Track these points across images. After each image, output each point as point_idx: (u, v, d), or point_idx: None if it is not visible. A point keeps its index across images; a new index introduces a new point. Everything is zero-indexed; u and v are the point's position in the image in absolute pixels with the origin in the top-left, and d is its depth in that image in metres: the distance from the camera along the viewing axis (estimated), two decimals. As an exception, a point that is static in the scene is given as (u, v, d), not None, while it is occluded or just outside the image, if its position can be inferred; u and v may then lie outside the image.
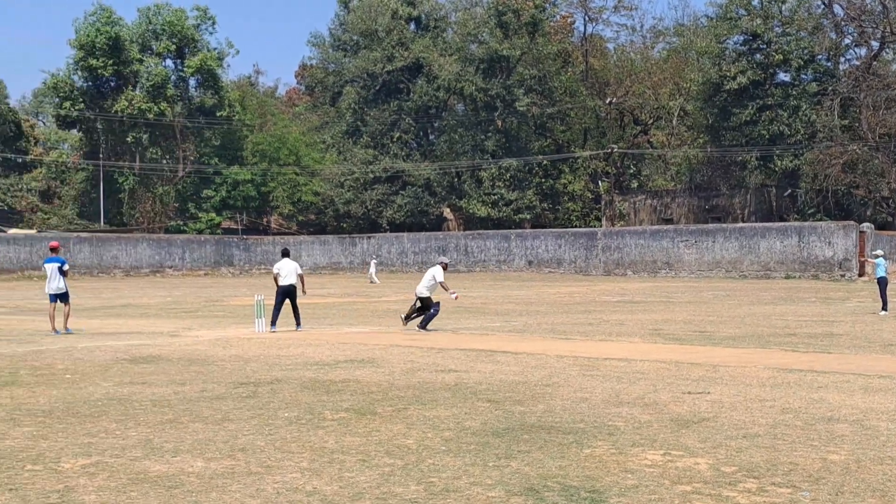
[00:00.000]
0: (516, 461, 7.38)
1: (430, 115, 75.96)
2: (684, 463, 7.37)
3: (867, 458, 7.53)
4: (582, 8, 74.14)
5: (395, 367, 13.33)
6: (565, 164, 70.11)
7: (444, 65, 70.29)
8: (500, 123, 69.75)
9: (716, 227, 54.18)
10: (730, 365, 13.50)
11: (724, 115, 61.62)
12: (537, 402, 10.21)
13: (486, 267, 60.89)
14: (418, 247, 64.53)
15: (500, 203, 67.75)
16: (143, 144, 70.90)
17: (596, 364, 13.65)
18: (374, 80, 73.79)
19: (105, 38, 68.81)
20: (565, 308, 28.08)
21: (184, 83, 74.67)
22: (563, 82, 70.88)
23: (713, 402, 10.23)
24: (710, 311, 25.87)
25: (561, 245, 58.40)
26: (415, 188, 71.14)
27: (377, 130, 73.73)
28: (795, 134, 58.85)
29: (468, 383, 11.63)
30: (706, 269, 51.72)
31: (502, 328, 20.75)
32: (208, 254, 65.63)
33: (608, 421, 9.07)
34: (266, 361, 13.96)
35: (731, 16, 61.89)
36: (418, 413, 9.47)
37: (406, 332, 19.43)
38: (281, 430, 8.59)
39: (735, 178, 62.60)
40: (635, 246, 54.89)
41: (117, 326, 21.14)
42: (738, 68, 59.71)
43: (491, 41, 68.40)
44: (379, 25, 73.78)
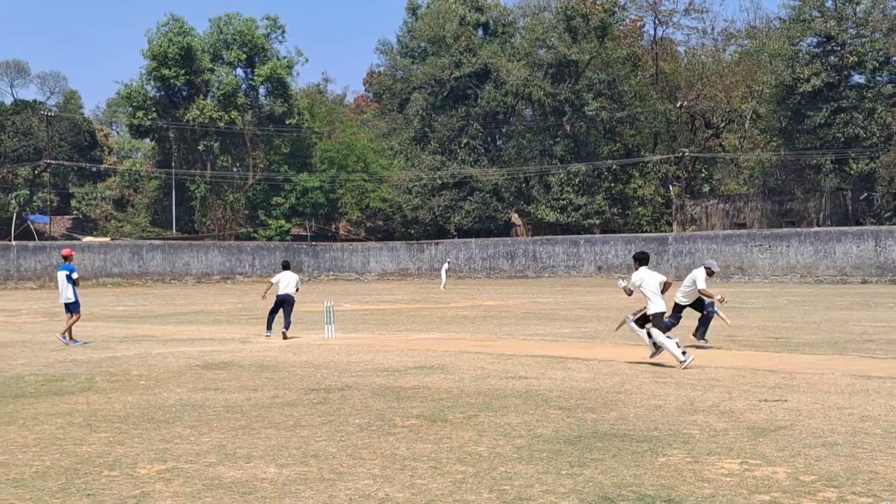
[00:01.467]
0: (590, 469, 7.30)
1: (498, 120, 75.94)
2: (762, 472, 7.22)
3: (953, 468, 7.29)
4: (652, 11, 73.57)
5: (464, 373, 13.30)
6: (635, 169, 69.45)
7: (511, 70, 70.19)
8: (569, 128, 69.39)
9: (790, 231, 53.16)
10: (807, 372, 13.20)
11: (798, 117, 60.48)
12: (610, 409, 10.10)
13: (555, 273, 60.57)
14: (486, 253, 64.47)
15: (569, 208, 67.38)
16: (214, 152, 72.08)
17: (669, 371, 13.47)
18: (441, 86, 74.01)
19: (177, 48, 70.16)
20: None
21: (254, 91, 75.82)
22: (632, 86, 70.25)
23: (790, 409, 10.01)
24: (786, 317, 25.36)
25: (631, 250, 57.71)
26: (482, 194, 71.12)
27: (445, 136, 73.90)
28: (871, 136, 57.54)
29: (539, 390, 11.55)
30: (780, 275, 50.76)
31: (572, 334, 20.59)
32: (277, 260, 66.26)
33: (683, 429, 8.93)
34: (336, 368, 14.04)
35: (805, 18, 60.78)
36: (489, 420, 9.43)
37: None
38: (352, 436, 8.63)
39: (809, 181, 61.37)
40: (707, 251, 54.08)
41: (189, 333, 21.49)
42: (812, 70, 58.61)
43: (559, 46, 68.10)
44: (447, 32, 73.98)
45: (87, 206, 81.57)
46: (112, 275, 58.64)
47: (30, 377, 13.24)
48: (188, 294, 46.28)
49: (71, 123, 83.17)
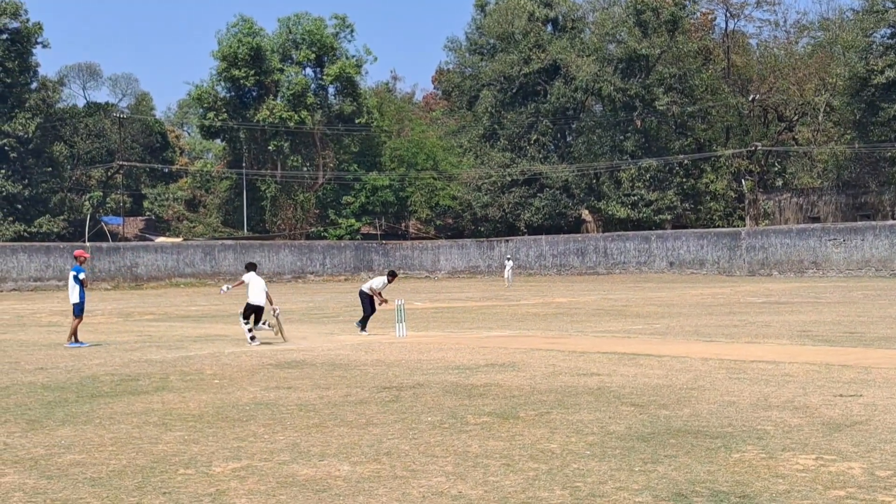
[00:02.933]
0: (663, 466, 7.32)
1: (568, 116, 75.61)
2: (837, 467, 7.16)
3: None
4: (723, 4, 72.47)
5: (536, 370, 13.36)
6: (707, 164, 68.57)
7: (581, 65, 69.79)
8: (640, 123, 68.81)
9: (865, 224, 52.03)
10: (882, 367, 12.99)
11: (872, 110, 59.16)
12: (683, 405, 10.08)
13: (626, 269, 60.16)
14: (556, 249, 64.27)
15: (640, 204, 66.82)
16: (284, 152, 72.97)
17: (742, 367, 13.36)
18: (510, 82, 73.93)
19: (247, 48, 71.17)
20: (708, 310, 27.49)
21: (323, 91, 76.57)
22: (703, 80, 69.37)
23: (866, 404, 9.88)
24: (861, 312, 24.88)
25: (703, 245, 57.18)
26: (552, 190, 70.89)
27: (514, 133, 73.81)
28: (949, 128, 56.11)
29: (611, 387, 11.56)
30: (855, 269, 49.72)
31: (644, 331, 20.48)
32: (348, 259, 67.10)
33: (757, 425, 8.88)
34: (408, 366, 14.20)
35: (878, 9, 59.40)
36: (561, 417, 9.48)
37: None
38: (424, 434, 8.75)
39: (884, 174, 60.00)
40: (780, 245, 53.24)
41: (262, 335, 21.83)
42: (886, 62, 57.27)
43: (629, 40, 67.53)
44: (515, 28, 73.85)
45: (159, 207, 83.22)
46: (185, 275, 59.78)
47: (105, 377, 13.61)
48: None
49: (142, 125, 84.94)
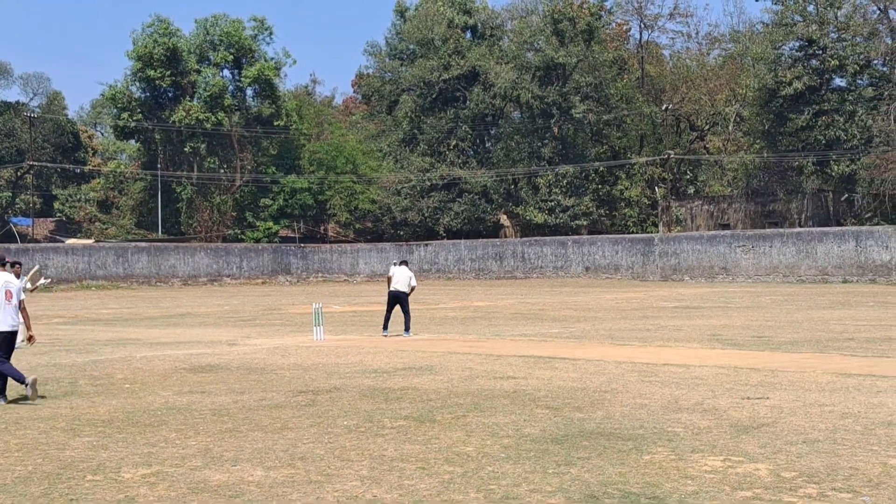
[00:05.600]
0: (576, 468, 7.44)
1: (487, 122, 76.08)
2: (744, 469, 7.38)
3: (930, 465, 7.46)
4: (637, 15, 73.79)
5: (453, 374, 13.44)
6: (622, 171, 69.75)
7: (500, 73, 70.34)
8: (557, 130, 69.63)
9: (773, 231, 53.52)
10: (788, 370, 13.41)
11: (781, 120, 60.85)
12: (596, 408, 10.26)
13: (544, 273, 60.78)
14: (475, 254, 64.63)
15: (557, 209, 67.60)
16: (201, 154, 71.96)
17: (654, 370, 13.65)
18: (430, 88, 74.11)
19: (163, 49, 70.03)
20: (623, 314, 27.99)
21: (241, 93, 75.70)
22: (619, 89, 70.56)
23: (772, 407, 10.19)
24: (768, 317, 25.60)
25: (618, 251, 58.10)
26: (472, 195, 71.25)
27: (434, 138, 73.99)
28: (852, 139, 57.94)
29: (526, 390, 11.70)
30: (763, 274, 51.11)
31: (560, 334, 20.75)
32: (266, 262, 66.42)
33: (667, 427, 9.09)
34: (325, 370, 14.15)
35: (787, 22, 61.09)
36: (477, 420, 9.57)
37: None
38: (340, 438, 8.73)
39: (792, 183, 61.76)
40: (692, 251, 54.43)
41: (176, 336, 21.53)
42: (794, 74, 58.95)
43: (547, 49, 68.28)
44: (435, 34, 74.08)
45: (70, 208, 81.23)
46: (96, 277, 58.43)
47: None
48: (175, 296, 46.25)
49: (54, 125, 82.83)
